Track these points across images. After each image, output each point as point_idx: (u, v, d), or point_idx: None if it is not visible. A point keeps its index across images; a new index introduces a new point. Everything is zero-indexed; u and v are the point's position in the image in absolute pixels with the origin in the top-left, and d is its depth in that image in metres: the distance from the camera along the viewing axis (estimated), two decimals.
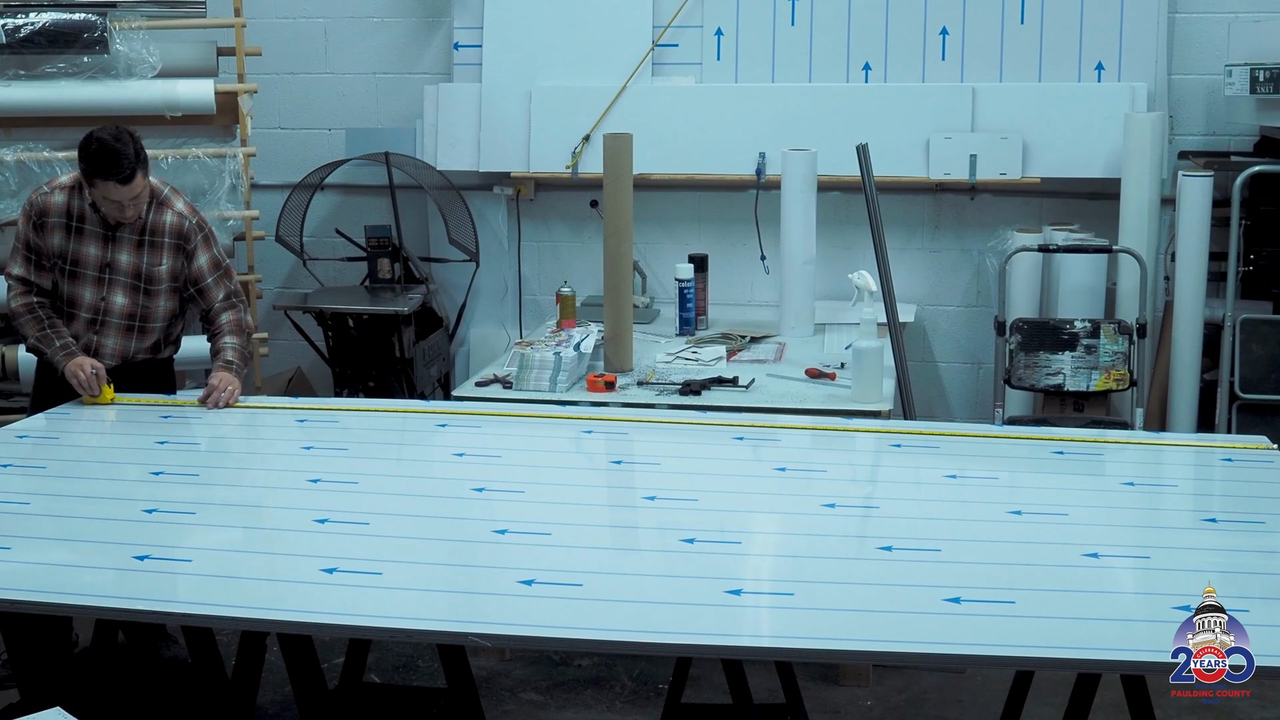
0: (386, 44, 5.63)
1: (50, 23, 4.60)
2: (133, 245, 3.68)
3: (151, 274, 3.70)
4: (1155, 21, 5.02)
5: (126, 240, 3.68)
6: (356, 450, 3.29)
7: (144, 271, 3.69)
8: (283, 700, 3.67)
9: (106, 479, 2.94)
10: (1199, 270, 4.74)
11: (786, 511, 2.87)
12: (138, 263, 3.69)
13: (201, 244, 3.74)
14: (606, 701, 3.77)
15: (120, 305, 3.69)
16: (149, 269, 3.69)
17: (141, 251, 3.69)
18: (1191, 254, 4.74)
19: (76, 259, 3.67)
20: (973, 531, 2.69)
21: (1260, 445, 3.22)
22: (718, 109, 5.28)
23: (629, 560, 2.65)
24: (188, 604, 2.39)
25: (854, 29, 5.21)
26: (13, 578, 2.49)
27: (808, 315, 4.74)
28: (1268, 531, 2.65)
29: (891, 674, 3.83)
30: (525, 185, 5.48)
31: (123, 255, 3.68)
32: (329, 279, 5.63)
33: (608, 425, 3.51)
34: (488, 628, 2.29)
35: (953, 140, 5.09)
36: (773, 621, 2.34)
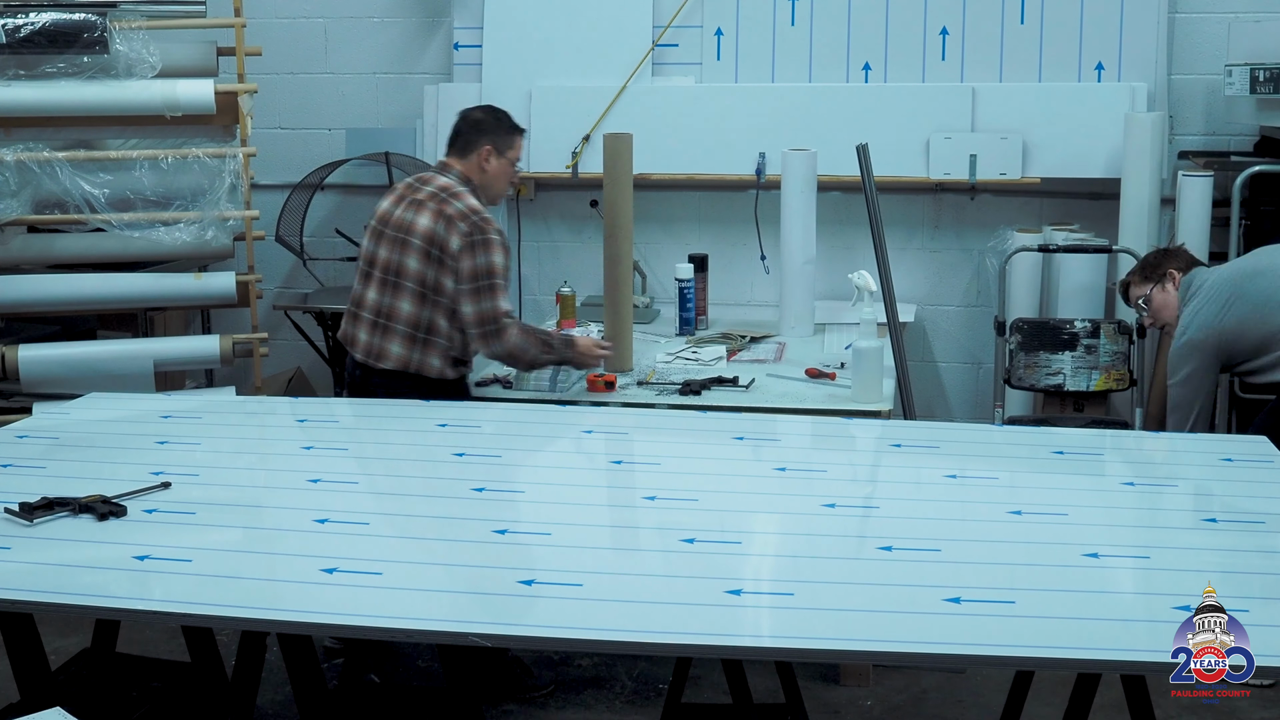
0: (386, 44, 5.64)
1: (50, 23, 4.60)
2: None
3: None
4: (1155, 21, 5.02)
5: None
6: (356, 450, 3.29)
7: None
8: (283, 700, 3.67)
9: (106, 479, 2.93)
10: None
11: (786, 511, 2.87)
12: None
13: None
14: (606, 701, 3.77)
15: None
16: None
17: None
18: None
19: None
20: (973, 531, 2.69)
21: (1260, 445, 3.22)
22: (718, 109, 5.29)
23: (629, 560, 2.65)
24: (188, 604, 2.39)
25: (854, 29, 5.21)
26: (13, 578, 2.49)
27: (808, 315, 4.74)
28: (1268, 531, 2.65)
29: (891, 674, 3.83)
30: (525, 185, 5.49)
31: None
32: (329, 279, 5.63)
33: (608, 425, 3.51)
34: (488, 628, 2.28)
35: (953, 140, 5.09)
36: (773, 621, 2.34)
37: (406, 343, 3.69)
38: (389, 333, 3.71)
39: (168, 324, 5.32)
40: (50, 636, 3.51)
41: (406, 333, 3.69)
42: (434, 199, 3.71)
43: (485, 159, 3.76)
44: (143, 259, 4.88)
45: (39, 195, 4.68)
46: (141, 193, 4.70)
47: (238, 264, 5.00)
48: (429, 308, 3.68)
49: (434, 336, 3.70)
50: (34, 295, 4.80)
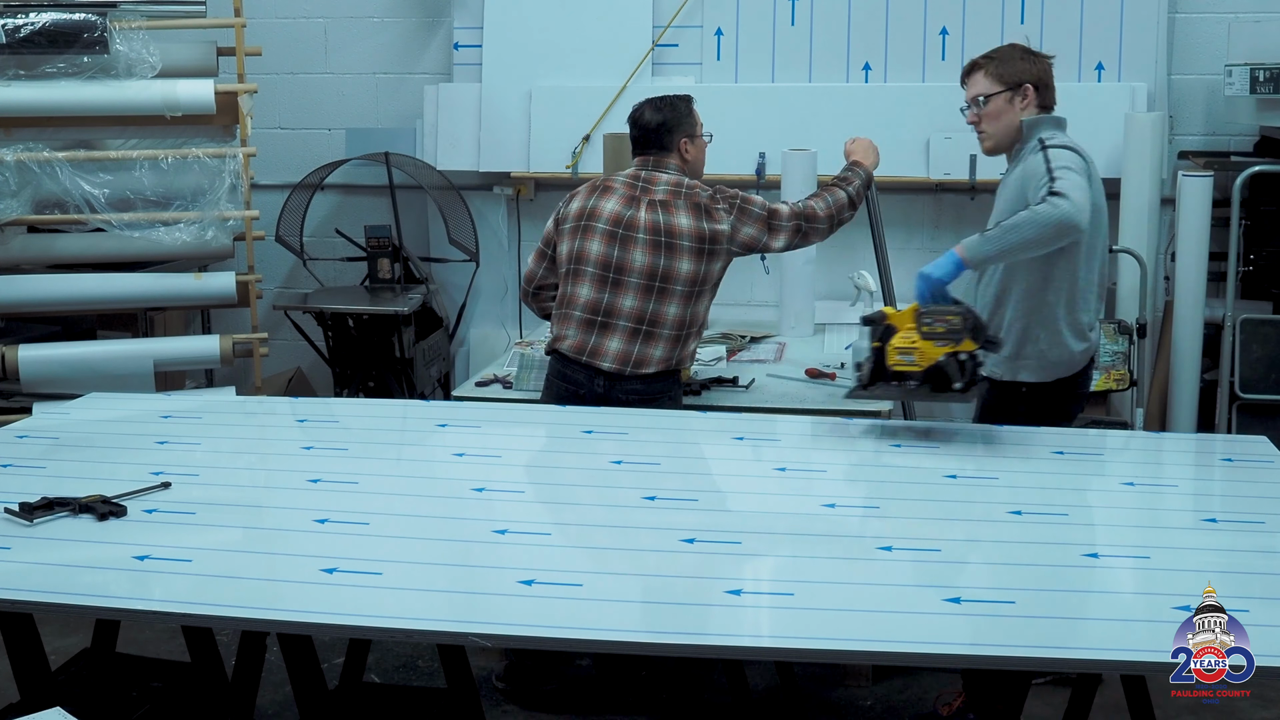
0: (386, 44, 5.64)
1: (50, 23, 4.60)
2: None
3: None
4: (1155, 21, 5.02)
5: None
6: (356, 450, 3.29)
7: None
8: (283, 700, 3.67)
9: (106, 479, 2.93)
10: (1199, 270, 4.74)
11: (786, 511, 2.87)
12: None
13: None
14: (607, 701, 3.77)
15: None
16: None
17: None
18: (1191, 254, 4.74)
19: None
20: (973, 531, 2.69)
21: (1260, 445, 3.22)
22: (718, 109, 5.26)
23: (629, 560, 2.65)
24: (188, 604, 2.39)
25: (854, 29, 5.21)
26: (13, 578, 2.49)
27: (808, 315, 4.74)
28: (1268, 531, 2.65)
29: (891, 674, 3.83)
30: (525, 185, 5.49)
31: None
32: (329, 279, 5.63)
33: (608, 425, 3.51)
34: (488, 628, 2.28)
35: (953, 140, 5.09)
36: (773, 621, 2.34)
37: (670, 344, 3.60)
38: (652, 338, 3.59)
39: (168, 324, 5.32)
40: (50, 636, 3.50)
41: (673, 335, 3.60)
42: (678, 196, 3.61)
43: (684, 150, 3.69)
44: (143, 259, 4.88)
45: (39, 195, 4.68)
46: (141, 193, 4.70)
47: (238, 264, 5.00)
48: (694, 303, 3.62)
49: (694, 329, 3.67)
50: (34, 295, 4.80)
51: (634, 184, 3.65)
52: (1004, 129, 3.46)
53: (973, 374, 3.09)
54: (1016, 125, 3.45)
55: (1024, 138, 3.44)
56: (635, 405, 3.56)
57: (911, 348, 3.10)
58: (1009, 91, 3.44)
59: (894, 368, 3.11)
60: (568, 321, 3.64)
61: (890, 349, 3.12)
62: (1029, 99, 3.44)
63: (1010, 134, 3.46)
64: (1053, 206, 3.12)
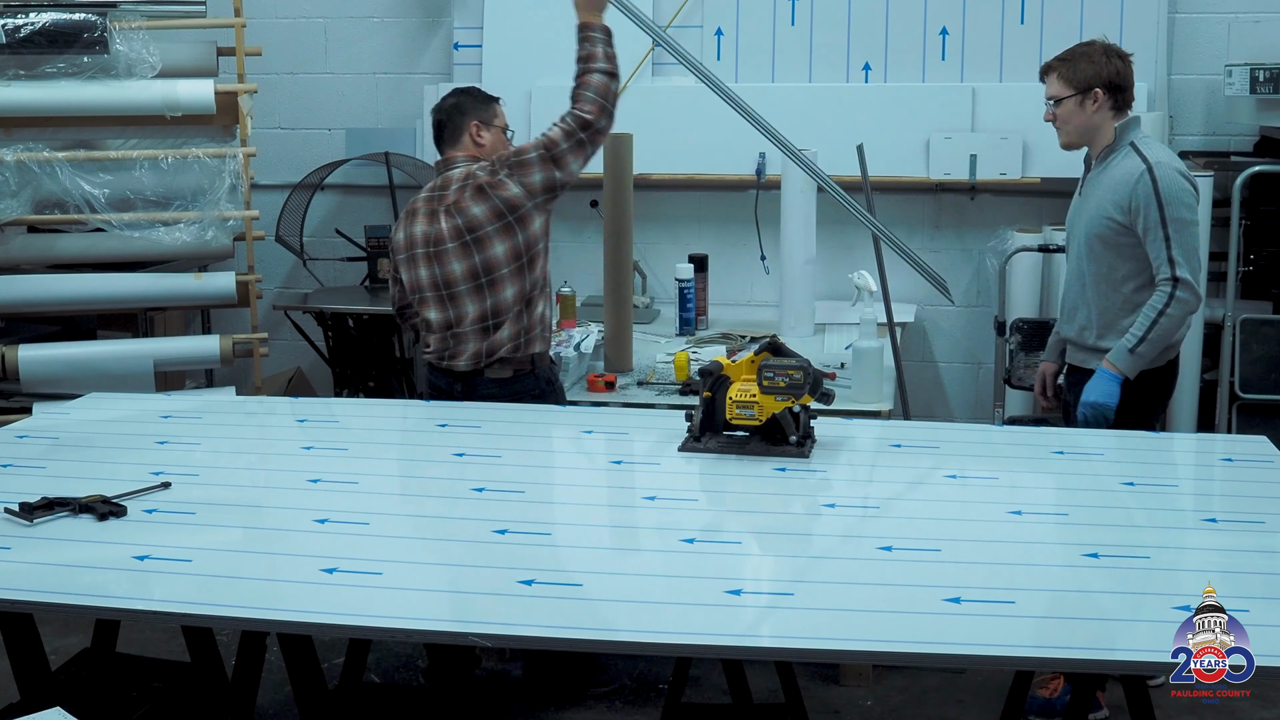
0: (386, 44, 5.64)
1: (50, 23, 4.60)
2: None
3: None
4: (1155, 21, 5.02)
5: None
6: (356, 450, 3.29)
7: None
8: (283, 700, 3.67)
9: (106, 479, 2.93)
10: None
11: (786, 511, 2.87)
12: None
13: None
14: (606, 701, 3.77)
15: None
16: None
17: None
18: None
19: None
20: (973, 531, 2.69)
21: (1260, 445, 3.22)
22: (718, 109, 5.25)
23: (629, 560, 2.65)
24: (188, 604, 2.39)
25: (854, 29, 5.21)
26: (13, 578, 2.49)
27: (808, 315, 4.74)
28: (1268, 531, 2.65)
29: (891, 674, 3.83)
30: None
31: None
32: (329, 279, 5.63)
33: (608, 425, 3.51)
34: (488, 628, 2.28)
35: (953, 140, 5.09)
36: (773, 621, 2.34)
37: (515, 320, 3.60)
38: (500, 326, 3.60)
39: (168, 324, 5.32)
40: (50, 636, 3.51)
41: (515, 310, 3.61)
42: (464, 191, 3.59)
43: (476, 135, 3.67)
44: (143, 259, 4.88)
45: (39, 195, 4.68)
46: (141, 193, 4.70)
47: (238, 264, 5.00)
48: (529, 272, 3.60)
49: (535, 292, 3.64)
50: (34, 295, 4.80)
51: (432, 197, 3.68)
52: (1077, 130, 3.58)
53: (807, 428, 3.11)
54: (1093, 126, 3.56)
55: (1116, 143, 3.56)
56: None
57: (751, 401, 3.09)
58: (1079, 95, 3.53)
59: (733, 420, 3.11)
60: (429, 336, 3.72)
61: (728, 402, 3.11)
62: (1099, 102, 3.53)
63: (1085, 134, 3.59)
64: (1180, 305, 3.44)
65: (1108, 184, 3.54)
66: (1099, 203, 3.55)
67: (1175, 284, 3.41)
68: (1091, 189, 3.61)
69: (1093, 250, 3.57)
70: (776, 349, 3.19)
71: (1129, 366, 3.47)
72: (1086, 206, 3.61)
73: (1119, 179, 3.51)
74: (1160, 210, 3.42)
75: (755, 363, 3.13)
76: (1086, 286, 3.62)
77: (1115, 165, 3.55)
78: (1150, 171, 3.45)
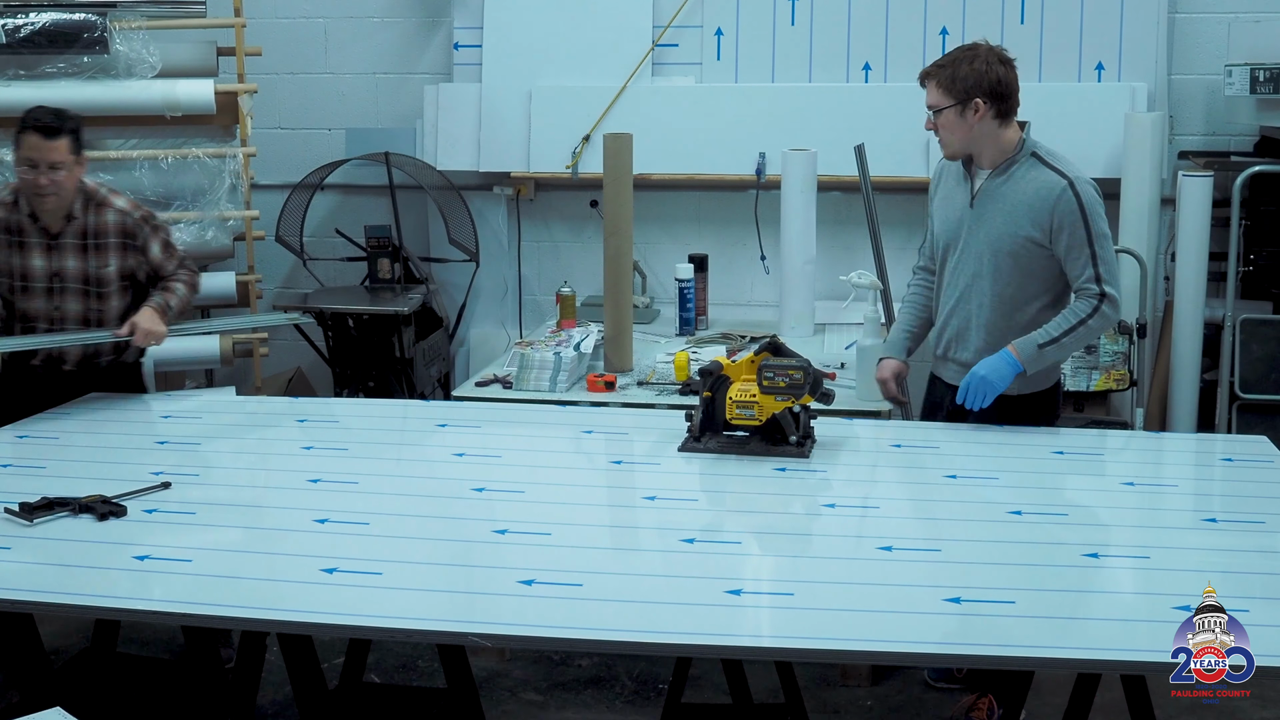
0: (386, 44, 5.64)
1: (50, 23, 4.61)
2: (77, 250, 3.69)
3: (100, 276, 3.70)
4: (1155, 21, 5.02)
5: (70, 246, 3.68)
6: (356, 450, 3.29)
7: (91, 275, 3.70)
8: (283, 700, 3.67)
9: (106, 479, 2.94)
10: (1199, 270, 4.74)
11: (786, 511, 2.87)
12: (84, 267, 3.69)
13: (151, 235, 3.76)
14: (606, 701, 3.77)
15: (74, 312, 3.71)
16: (97, 272, 3.70)
17: (87, 256, 3.69)
18: (1191, 254, 4.74)
19: (25, 274, 3.68)
20: (973, 531, 2.69)
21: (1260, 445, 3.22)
22: (718, 109, 5.29)
23: (629, 560, 2.65)
24: (188, 604, 2.39)
25: (854, 29, 5.21)
26: (13, 578, 2.49)
27: (808, 315, 4.74)
28: (1268, 531, 2.66)
29: (891, 674, 3.83)
30: (525, 185, 5.49)
31: (69, 262, 3.69)
32: (329, 279, 5.63)
33: (608, 425, 3.51)
34: (488, 628, 2.29)
35: None
36: (773, 621, 2.34)
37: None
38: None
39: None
40: (50, 636, 3.51)
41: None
42: None
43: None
44: None
45: None
46: (141, 193, 4.70)
47: (238, 264, 5.00)
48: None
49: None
50: None
51: None
52: (961, 140, 3.33)
53: (807, 427, 3.11)
54: (978, 136, 3.31)
55: (1017, 154, 3.34)
56: None
57: (751, 401, 3.10)
58: (959, 105, 3.29)
59: (733, 420, 3.12)
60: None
61: (729, 402, 3.12)
62: (981, 112, 3.29)
63: (969, 144, 3.34)
64: (1103, 318, 3.25)
65: (1018, 200, 3.30)
66: (1009, 219, 3.30)
67: (1103, 299, 3.24)
68: (991, 203, 3.34)
69: (999, 269, 3.32)
70: (777, 349, 3.18)
71: (1031, 360, 3.25)
72: (989, 222, 3.34)
73: (1034, 195, 3.28)
74: (1086, 227, 3.24)
75: (755, 363, 3.13)
76: (985, 307, 3.36)
77: (1022, 179, 3.31)
78: (1072, 187, 3.26)
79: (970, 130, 3.30)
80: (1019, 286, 3.33)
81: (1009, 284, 3.33)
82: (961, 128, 3.30)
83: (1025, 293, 3.34)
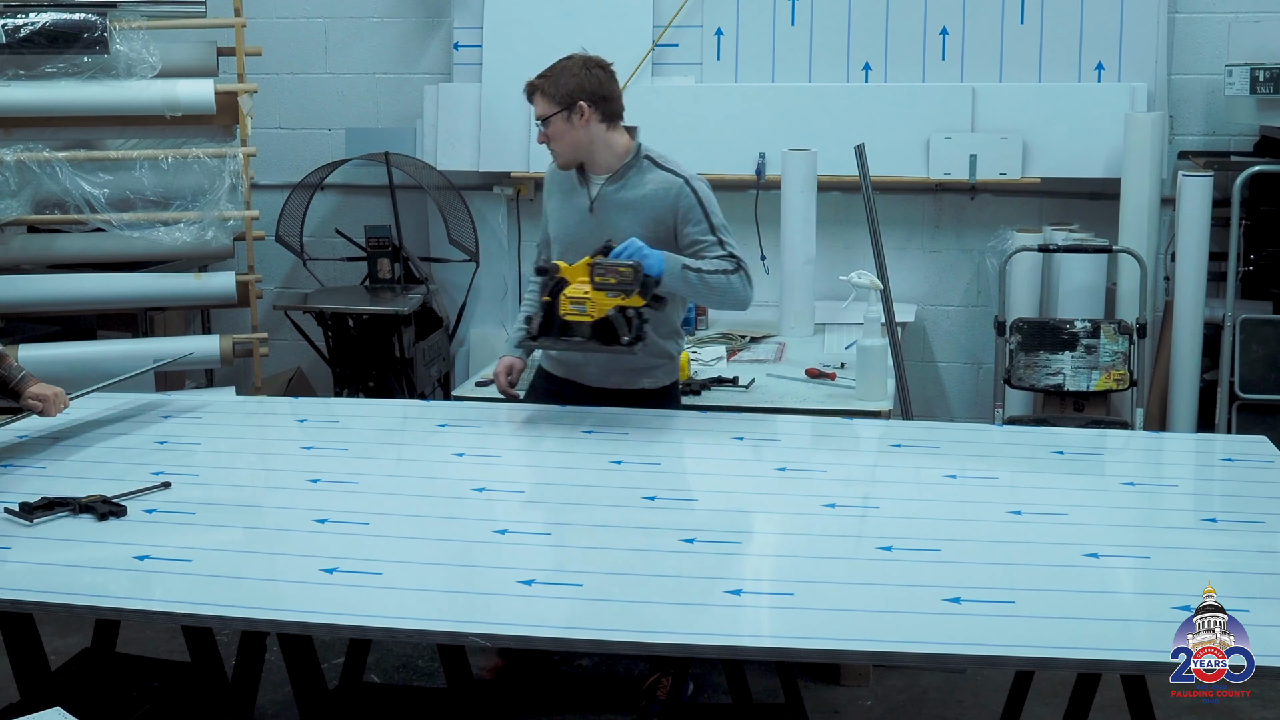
0: (386, 44, 5.64)
1: (50, 23, 4.60)
2: None
3: None
4: (1155, 21, 5.02)
5: None
6: (356, 450, 3.29)
7: None
8: (283, 700, 3.67)
9: (106, 479, 2.94)
10: (1199, 270, 4.74)
11: (786, 511, 2.87)
12: None
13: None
14: (606, 701, 3.77)
15: None
16: None
17: None
18: (1191, 254, 4.74)
19: None
20: (973, 531, 2.69)
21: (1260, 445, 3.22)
22: (718, 109, 5.28)
23: (629, 560, 2.65)
24: (188, 604, 2.39)
25: (854, 29, 5.21)
26: (13, 578, 2.49)
27: (808, 315, 4.74)
28: (1268, 531, 2.65)
29: (891, 674, 3.83)
30: (525, 185, 5.48)
31: None
32: (329, 279, 5.63)
33: (608, 425, 3.51)
34: (488, 628, 2.29)
35: (953, 140, 5.09)
36: (773, 621, 2.34)
37: None
38: None
39: (168, 324, 5.32)
40: (50, 636, 3.50)
41: None
42: None
43: None
44: (143, 259, 4.88)
45: (39, 195, 4.68)
46: (141, 193, 4.70)
47: (238, 264, 5.00)
48: None
49: None
50: (34, 295, 4.80)
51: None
52: (571, 146, 3.42)
53: (639, 330, 3.18)
54: (586, 140, 3.41)
55: (631, 159, 3.42)
56: None
57: (584, 298, 3.18)
58: (565, 110, 3.40)
59: (566, 317, 3.20)
60: None
61: (563, 299, 3.20)
62: (586, 115, 3.39)
63: (580, 149, 3.43)
64: (743, 282, 3.36)
65: (639, 202, 3.39)
66: (632, 221, 3.38)
67: (739, 270, 3.36)
68: (612, 208, 3.42)
69: None
70: (607, 251, 3.23)
71: (671, 276, 3.26)
72: (612, 226, 3.39)
73: (653, 195, 3.38)
74: (708, 220, 3.37)
75: (589, 264, 3.21)
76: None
77: (638, 182, 3.41)
78: (688, 184, 3.39)
79: (579, 135, 3.40)
80: None
81: None
82: (571, 133, 3.41)
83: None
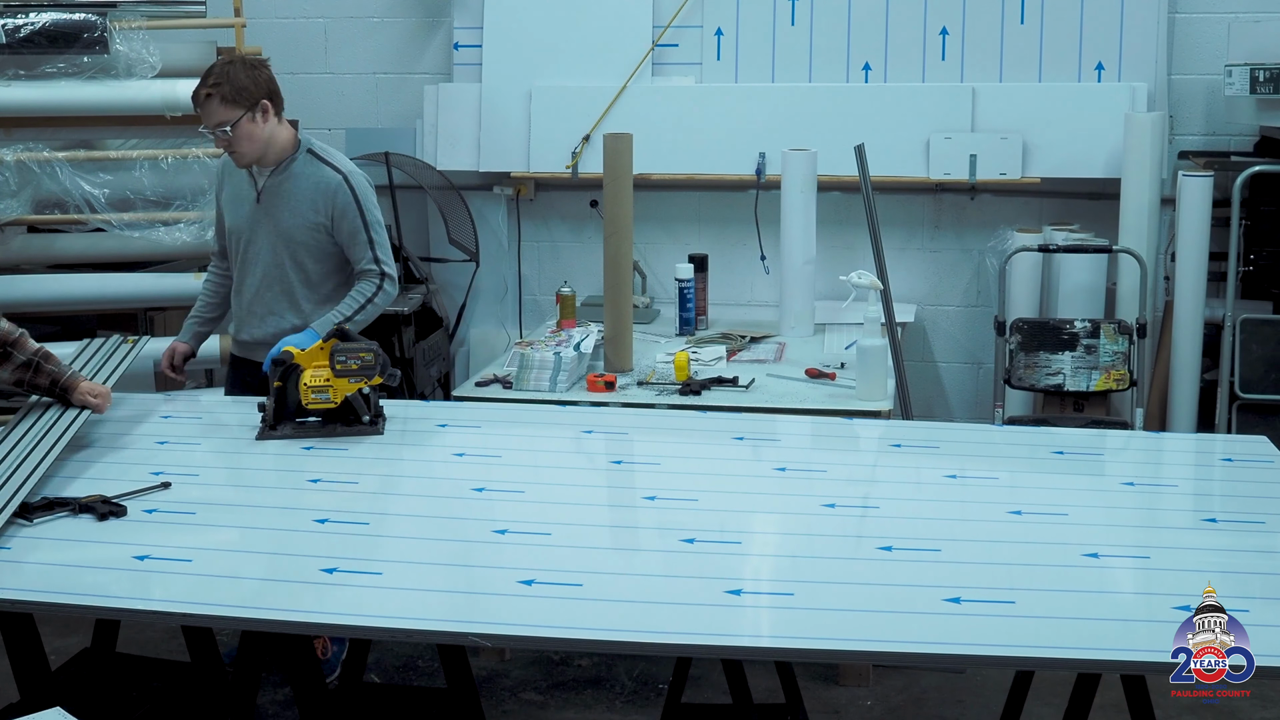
0: (386, 44, 5.64)
1: (50, 23, 4.60)
2: None
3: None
4: (1155, 21, 5.02)
5: None
6: (356, 450, 3.29)
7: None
8: (283, 700, 3.67)
9: (106, 479, 2.93)
10: (1199, 270, 4.74)
11: (786, 511, 2.87)
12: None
13: None
14: (606, 701, 3.77)
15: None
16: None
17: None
18: (1191, 254, 4.74)
19: None
20: (973, 531, 2.69)
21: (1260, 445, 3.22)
22: (718, 109, 5.29)
23: (629, 560, 2.65)
24: (188, 604, 2.39)
25: (854, 29, 5.21)
26: (13, 578, 2.49)
27: (808, 315, 4.74)
28: (1268, 531, 2.65)
29: (891, 674, 3.83)
30: (525, 185, 5.49)
31: None
32: None
33: (608, 425, 3.51)
34: (488, 628, 2.29)
35: (953, 140, 5.09)
36: (773, 621, 2.34)
37: None
38: None
39: (168, 324, 5.31)
40: (50, 636, 3.51)
41: None
42: None
43: None
44: (143, 259, 4.88)
45: (39, 195, 4.68)
46: (141, 193, 4.70)
47: None
48: None
49: None
50: (34, 295, 4.79)
51: None
52: (258, 145, 3.62)
53: (377, 407, 3.30)
54: (268, 137, 3.62)
55: (295, 151, 3.68)
56: None
57: (326, 385, 3.27)
58: (250, 112, 3.57)
59: (309, 406, 3.27)
60: None
61: (303, 388, 3.26)
62: (269, 113, 3.61)
63: (264, 147, 3.63)
64: (386, 295, 3.68)
65: (301, 194, 3.66)
66: (295, 212, 3.66)
67: (384, 279, 3.66)
68: (277, 199, 3.67)
69: (294, 255, 3.68)
70: (344, 335, 3.34)
71: (326, 329, 3.52)
72: (277, 215, 3.67)
73: (314, 188, 3.65)
74: (362, 216, 3.64)
75: (325, 349, 3.29)
76: (287, 289, 3.71)
77: (302, 174, 3.66)
78: (347, 180, 3.65)
79: (261, 133, 3.60)
80: (312, 269, 3.71)
81: (302, 268, 3.70)
82: (257, 132, 3.60)
83: (319, 272, 3.72)
